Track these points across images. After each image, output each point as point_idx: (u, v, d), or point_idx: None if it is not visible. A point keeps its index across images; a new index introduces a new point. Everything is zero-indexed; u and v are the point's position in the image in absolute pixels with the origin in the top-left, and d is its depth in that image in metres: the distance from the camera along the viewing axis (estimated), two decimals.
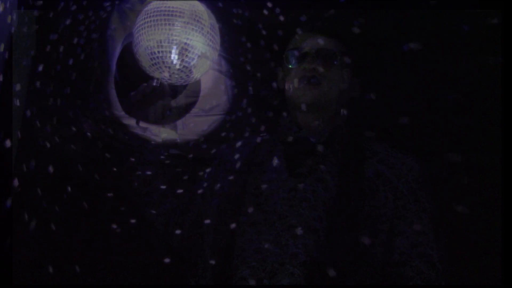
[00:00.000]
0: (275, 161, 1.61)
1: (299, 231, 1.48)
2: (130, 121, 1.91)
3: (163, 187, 1.71)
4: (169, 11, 1.81)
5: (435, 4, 1.64)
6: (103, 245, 1.85)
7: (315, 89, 1.65)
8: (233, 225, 1.53)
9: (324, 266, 1.43)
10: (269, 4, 1.72)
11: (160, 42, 1.79)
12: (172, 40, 1.79)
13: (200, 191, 1.70)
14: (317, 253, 1.47)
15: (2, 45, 1.58)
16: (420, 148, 1.75)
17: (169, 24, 1.79)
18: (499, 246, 1.46)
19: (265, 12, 1.70)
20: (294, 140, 1.65)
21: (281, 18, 1.70)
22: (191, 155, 1.88)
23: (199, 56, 1.82)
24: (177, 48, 1.79)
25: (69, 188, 1.69)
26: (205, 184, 1.70)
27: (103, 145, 1.85)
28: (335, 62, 1.68)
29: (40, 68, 1.71)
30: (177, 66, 1.81)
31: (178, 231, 1.68)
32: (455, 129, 1.91)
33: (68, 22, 1.81)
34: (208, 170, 1.74)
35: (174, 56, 1.79)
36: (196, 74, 1.90)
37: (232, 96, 2.04)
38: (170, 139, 1.76)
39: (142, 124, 1.84)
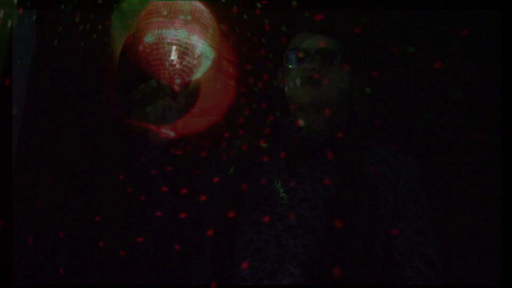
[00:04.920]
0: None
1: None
2: (130, 121, 1.91)
3: (163, 187, 1.71)
4: (169, 11, 1.81)
5: (435, 4, 1.64)
6: (103, 245, 1.84)
7: (315, 89, 1.65)
8: (232, 225, 1.54)
9: (324, 266, 1.43)
10: (269, 4, 1.72)
11: (160, 42, 1.79)
12: (172, 40, 1.79)
13: (199, 191, 1.70)
14: (317, 253, 1.47)
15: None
16: (420, 148, 1.75)
17: (169, 24, 1.79)
18: (499, 246, 1.46)
19: (275, 10, 1.71)
20: (294, 140, 1.65)
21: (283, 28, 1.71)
22: (190, 155, 1.88)
23: (199, 56, 1.82)
24: (177, 48, 1.79)
25: (69, 188, 1.69)
26: (204, 184, 1.70)
27: (103, 145, 1.84)
28: (335, 62, 1.68)
29: (41, 69, 1.71)
30: (177, 66, 1.81)
31: (178, 231, 1.69)
32: (455, 129, 1.91)
33: (68, 22, 1.81)
34: (207, 170, 1.74)
35: (174, 57, 1.79)
36: (196, 74, 1.90)
37: (231, 96, 2.04)
38: (170, 139, 1.76)
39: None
